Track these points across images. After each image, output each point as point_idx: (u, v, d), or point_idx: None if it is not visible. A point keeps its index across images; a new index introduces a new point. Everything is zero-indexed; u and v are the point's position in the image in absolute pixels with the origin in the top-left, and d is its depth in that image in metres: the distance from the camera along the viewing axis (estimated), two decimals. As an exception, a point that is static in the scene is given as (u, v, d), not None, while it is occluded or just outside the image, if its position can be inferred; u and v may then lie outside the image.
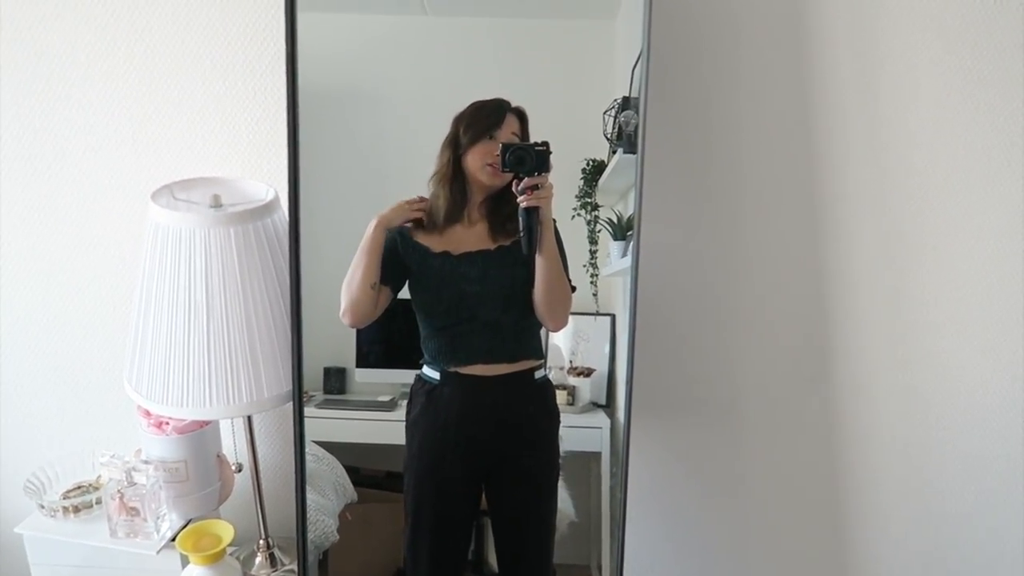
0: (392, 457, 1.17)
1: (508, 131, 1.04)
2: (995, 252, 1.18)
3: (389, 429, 1.15)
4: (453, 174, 1.05)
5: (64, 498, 1.14)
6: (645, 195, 1.02)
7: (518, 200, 1.01)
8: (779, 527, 1.35)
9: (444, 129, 1.05)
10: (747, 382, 1.27)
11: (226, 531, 0.96)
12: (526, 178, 1.00)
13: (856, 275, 1.20)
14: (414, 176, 1.07)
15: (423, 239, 1.07)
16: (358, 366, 1.16)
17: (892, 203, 1.17)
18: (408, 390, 1.11)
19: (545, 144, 1.00)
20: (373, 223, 1.03)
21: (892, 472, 1.29)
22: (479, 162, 1.04)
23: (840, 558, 1.36)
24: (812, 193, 1.18)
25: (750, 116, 1.16)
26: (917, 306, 1.21)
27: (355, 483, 1.19)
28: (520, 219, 1.01)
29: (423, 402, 1.09)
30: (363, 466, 1.19)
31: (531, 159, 1.00)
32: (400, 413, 1.13)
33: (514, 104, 1.04)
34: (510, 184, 1.03)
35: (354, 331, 1.15)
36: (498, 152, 1.01)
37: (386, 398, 1.16)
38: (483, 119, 1.04)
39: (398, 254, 1.06)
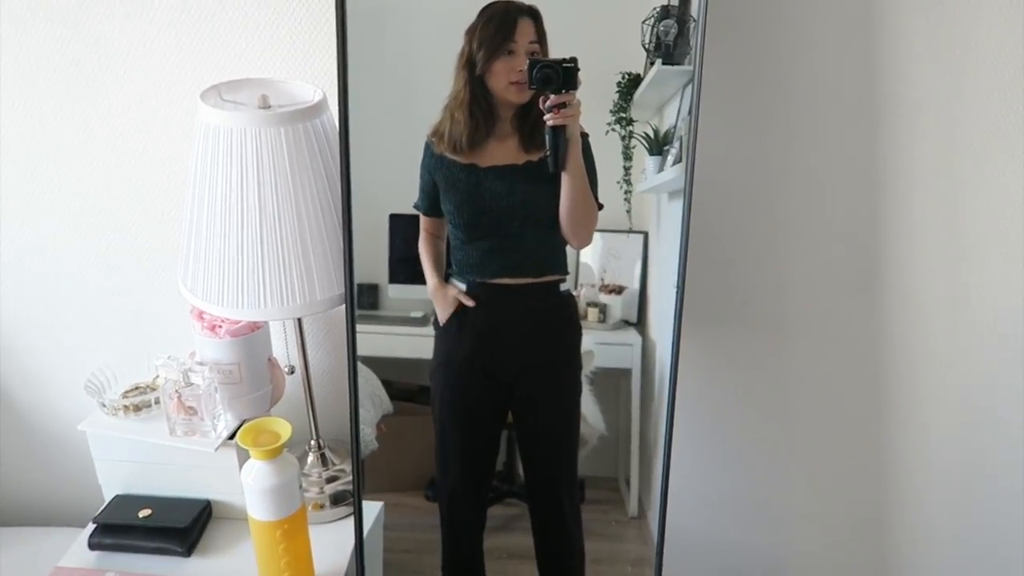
0: (424, 371, 1.19)
1: (524, 40, 0.99)
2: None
3: (422, 344, 1.16)
4: (472, 96, 1.01)
5: (124, 397, 1.17)
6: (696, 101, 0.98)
7: (544, 118, 0.98)
8: (822, 438, 1.36)
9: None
10: (795, 294, 1.26)
11: (284, 428, 0.99)
12: (553, 96, 0.97)
13: (911, 184, 1.17)
14: (443, 89, 1.03)
15: (451, 153, 1.04)
16: (391, 282, 1.16)
17: (954, 110, 1.13)
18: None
19: (573, 60, 0.96)
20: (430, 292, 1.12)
21: (937, 383, 1.29)
22: (503, 81, 1.00)
23: (881, 469, 1.37)
24: (870, 99, 1.13)
25: (805, 18, 1.10)
26: (971, 216, 1.18)
27: (389, 396, 1.21)
28: (546, 137, 0.99)
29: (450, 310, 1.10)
30: (396, 380, 1.21)
31: (558, 77, 0.96)
32: (432, 328, 1.14)
33: (527, 3, 0.98)
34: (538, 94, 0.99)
35: (386, 248, 1.15)
36: (522, 68, 0.97)
37: (418, 314, 1.17)
38: (494, 32, 0.98)
39: (435, 179, 1.06)
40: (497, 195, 1.04)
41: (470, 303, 1.09)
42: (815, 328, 1.28)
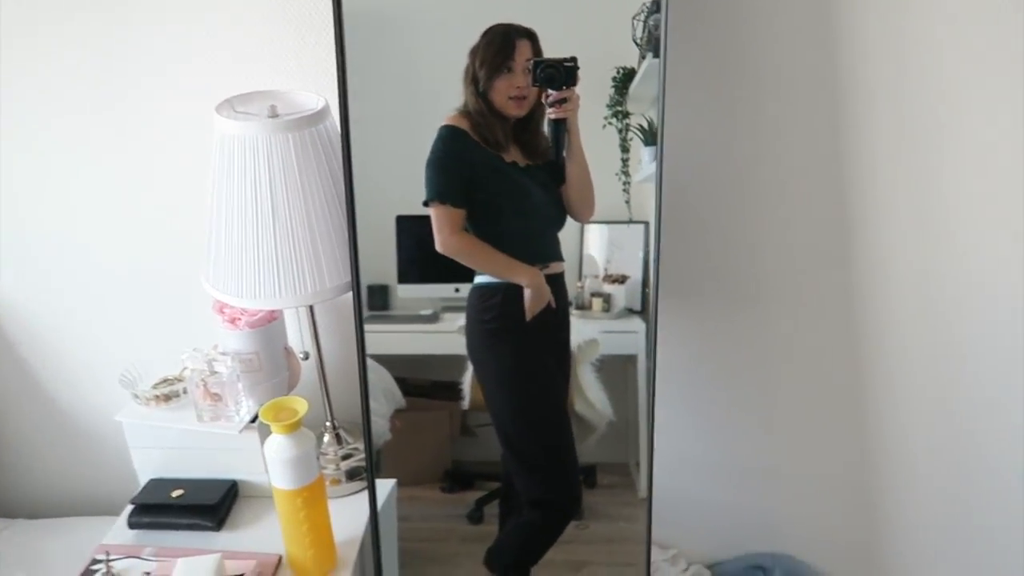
0: (435, 367, 1.27)
1: (522, 59, 1.08)
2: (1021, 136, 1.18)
3: (432, 340, 1.23)
4: (484, 106, 1.09)
5: (154, 388, 1.27)
6: (668, 90, 1.06)
7: (547, 112, 1.08)
8: (804, 401, 1.45)
9: (468, 43, 1.07)
10: (770, 268, 1.35)
11: (301, 405, 1.07)
12: (554, 92, 1.07)
13: (873, 161, 1.25)
14: (444, 94, 1.11)
15: (493, 150, 1.11)
16: (400, 282, 1.22)
17: (914, 87, 1.20)
18: (448, 303, 1.19)
19: (573, 59, 1.06)
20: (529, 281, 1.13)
21: (909, 343, 1.36)
22: (503, 97, 1.09)
23: (863, 434, 1.46)
24: (834, 77, 1.20)
25: (769, 12, 1.18)
26: (932, 191, 1.26)
27: (403, 392, 1.27)
28: (548, 129, 1.09)
29: (501, 303, 1.15)
30: (409, 376, 1.27)
31: (560, 75, 1.06)
32: (441, 325, 1.21)
33: (524, 25, 1.07)
34: (533, 111, 1.09)
35: (395, 249, 1.20)
36: (520, 84, 1.07)
37: (427, 312, 1.23)
38: (495, 52, 1.07)
39: (471, 168, 1.12)
40: (536, 189, 1.14)
41: (553, 304, 1.15)
42: (789, 299, 1.36)
